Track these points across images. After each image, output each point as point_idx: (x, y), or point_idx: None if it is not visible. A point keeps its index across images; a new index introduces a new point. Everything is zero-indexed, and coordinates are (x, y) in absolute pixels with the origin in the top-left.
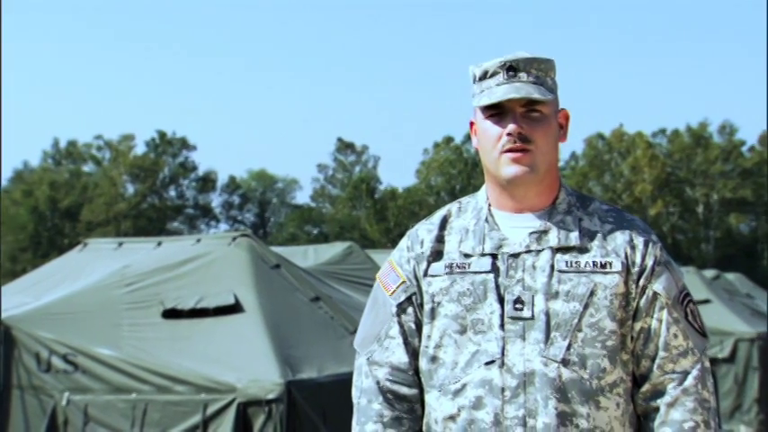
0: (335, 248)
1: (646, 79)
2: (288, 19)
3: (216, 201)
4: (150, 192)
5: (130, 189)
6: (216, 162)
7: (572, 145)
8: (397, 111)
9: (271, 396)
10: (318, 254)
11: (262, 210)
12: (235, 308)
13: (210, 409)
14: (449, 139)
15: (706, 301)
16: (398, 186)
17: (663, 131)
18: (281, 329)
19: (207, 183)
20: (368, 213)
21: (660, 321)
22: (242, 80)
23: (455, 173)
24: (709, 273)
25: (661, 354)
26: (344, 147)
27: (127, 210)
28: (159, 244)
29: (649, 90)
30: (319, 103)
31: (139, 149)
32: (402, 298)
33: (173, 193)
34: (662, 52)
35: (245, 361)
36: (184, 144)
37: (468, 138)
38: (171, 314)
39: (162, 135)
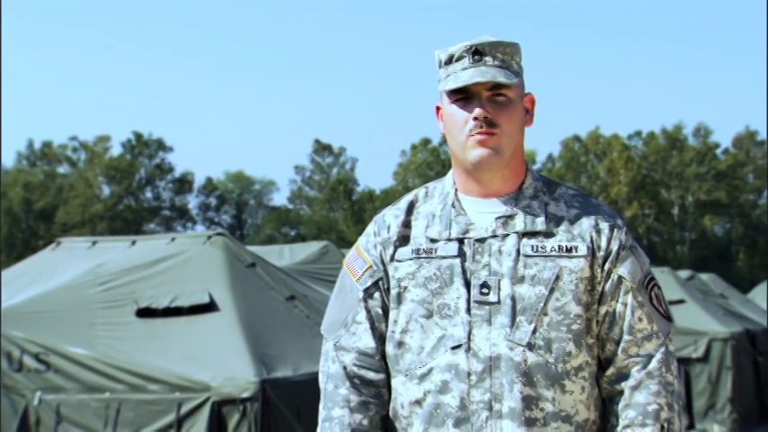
0: (311, 248)
1: (622, 82)
2: (265, 21)
3: (193, 202)
4: (126, 193)
5: (106, 190)
6: (193, 163)
7: (549, 147)
8: (374, 113)
9: (245, 395)
10: (294, 253)
11: (239, 211)
12: (209, 307)
13: (185, 408)
14: (426, 141)
15: (680, 302)
16: (376, 188)
17: (638, 134)
18: (256, 328)
19: (184, 184)
20: (345, 215)
21: (625, 305)
22: (219, 81)
23: (432, 174)
24: (684, 273)
25: (626, 337)
26: (322, 148)
27: (102, 211)
28: (133, 243)
29: (625, 92)
30: (297, 105)
31: (115, 151)
32: (369, 283)
33: (149, 194)
34: (638, 55)
35: (220, 360)
36: (161, 145)
37: (446, 140)
38: (145, 313)
39: (138, 136)
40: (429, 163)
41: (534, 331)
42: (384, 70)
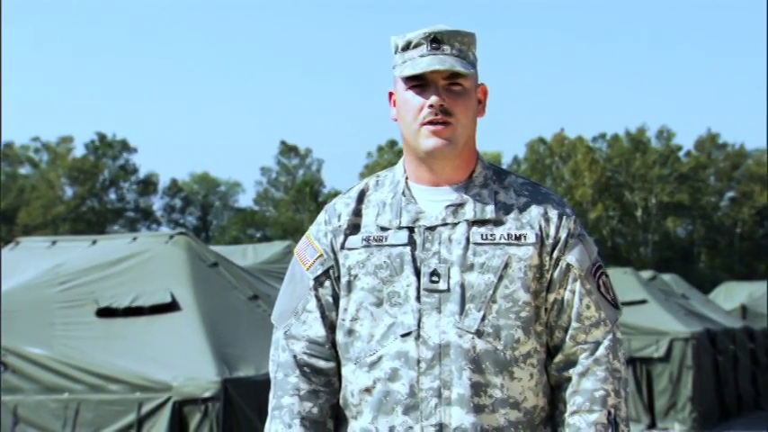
0: (275, 247)
1: (587, 84)
2: (230, 22)
3: (157, 204)
4: (90, 194)
5: (69, 192)
6: (157, 165)
7: (514, 149)
8: (340, 114)
9: (207, 394)
10: (258, 253)
11: (204, 213)
12: (171, 306)
13: (145, 408)
14: (392, 143)
15: (642, 302)
16: (342, 190)
17: (603, 136)
18: (218, 328)
19: (148, 185)
20: (311, 217)
21: (573, 293)
22: (184, 82)
23: None
24: (646, 274)
25: (574, 324)
26: (288, 150)
27: (65, 213)
28: (94, 242)
29: (590, 95)
30: (263, 106)
31: (78, 152)
32: (319, 271)
33: (113, 196)
34: (602, 57)
35: (182, 359)
36: (125, 146)
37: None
38: (105, 313)
39: (102, 137)
40: (395, 164)
41: (483, 318)
42: (351, 72)
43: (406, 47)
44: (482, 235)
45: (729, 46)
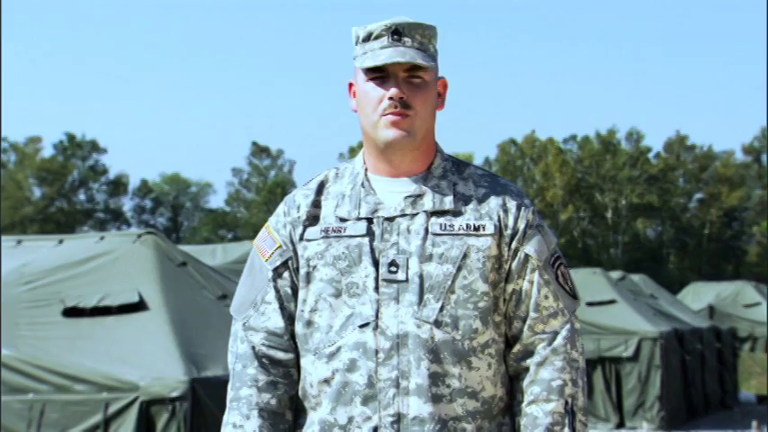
0: (244, 247)
1: (557, 86)
2: (202, 22)
3: (127, 205)
4: (58, 195)
5: (37, 192)
6: (127, 165)
7: (485, 150)
8: (313, 115)
9: (174, 394)
10: (227, 252)
11: (175, 214)
12: (139, 306)
13: (112, 409)
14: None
15: (611, 302)
16: None
17: (573, 138)
18: (186, 327)
19: (118, 186)
20: None
21: (531, 283)
22: (154, 83)
23: None
24: (615, 274)
25: (532, 315)
26: (260, 151)
27: (34, 214)
28: (61, 242)
29: (561, 96)
30: (234, 107)
31: (47, 152)
32: (278, 263)
33: (82, 196)
34: (572, 59)
35: (149, 359)
36: (94, 147)
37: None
38: (72, 312)
39: (71, 138)
40: None
41: (441, 309)
42: (323, 73)
43: (367, 38)
44: (441, 225)
45: (698, 49)
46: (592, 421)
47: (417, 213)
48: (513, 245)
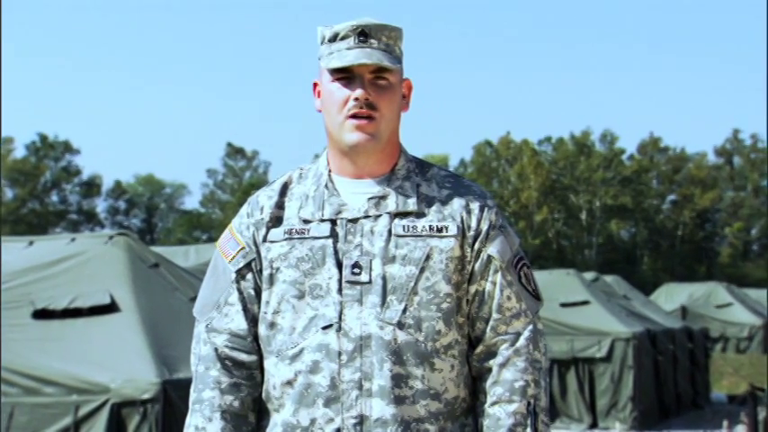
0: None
1: (533, 88)
2: (176, 22)
3: (101, 206)
4: (31, 197)
5: (9, 194)
6: (101, 166)
7: (461, 152)
8: (287, 116)
9: (146, 396)
10: (200, 254)
11: (149, 215)
12: (110, 307)
13: (82, 411)
14: None
15: (585, 303)
16: None
17: (548, 139)
18: (158, 329)
19: (91, 187)
20: None
21: (494, 284)
22: (128, 83)
23: None
24: (589, 275)
25: (495, 316)
26: (235, 152)
27: (5, 215)
28: (31, 243)
29: (536, 98)
30: (209, 108)
31: (19, 153)
32: (241, 264)
33: (55, 198)
34: (548, 61)
35: (121, 361)
36: (67, 148)
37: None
38: (42, 314)
39: (43, 138)
40: None
41: (404, 310)
42: (298, 74)
43: (333, 38)
44: (404, 227)
45: (671, 51)
46: (565, 422)
47: (381, 215)
48: (476, 246)
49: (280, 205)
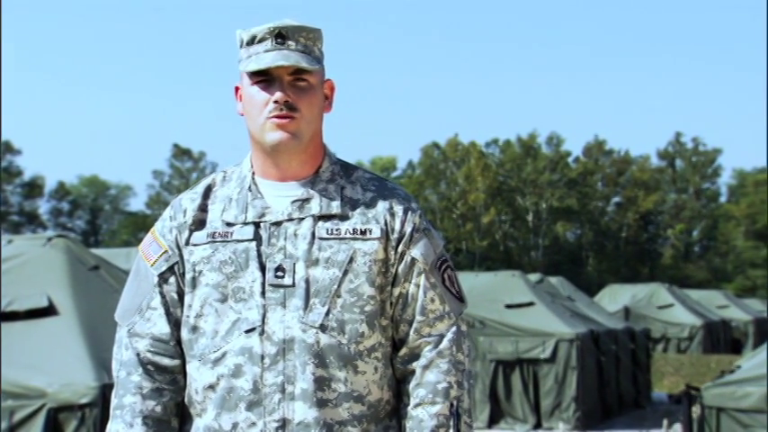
0: None
1: (480, 90)
2: (121, 21)
3: (44, 207)
4: None
5: None
6: (44, 167)
7: (409, 154)
8: (235, 117)
9: (84, 400)
10: None
11: (93, 217)
12: (48, 310)
13: (18, 416)
14: None
15: (530, 304)
16: None
17: (495, 141)
18: (97, 332)
19: (33, 188)
20: None
21: (418, 286)
22: (72, 82)
23: None
24: (534, 277)
25: (418, 318)
26: (181, 153)
27: None
28: None
29: (483, 100)
30: (155, 109)
31: None
32: (164, 268)
33: None
34: (495, 63)
35: (58, 365)
36: (8, 148)
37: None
38: None
39: None
40: None
41: (328, 313)
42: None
43: (251, 41)
44: (327, 230)
45: (614, 55)
46: (509, 422)
47: (304, 218)
48: (400, 248)
49: (203, 208)
